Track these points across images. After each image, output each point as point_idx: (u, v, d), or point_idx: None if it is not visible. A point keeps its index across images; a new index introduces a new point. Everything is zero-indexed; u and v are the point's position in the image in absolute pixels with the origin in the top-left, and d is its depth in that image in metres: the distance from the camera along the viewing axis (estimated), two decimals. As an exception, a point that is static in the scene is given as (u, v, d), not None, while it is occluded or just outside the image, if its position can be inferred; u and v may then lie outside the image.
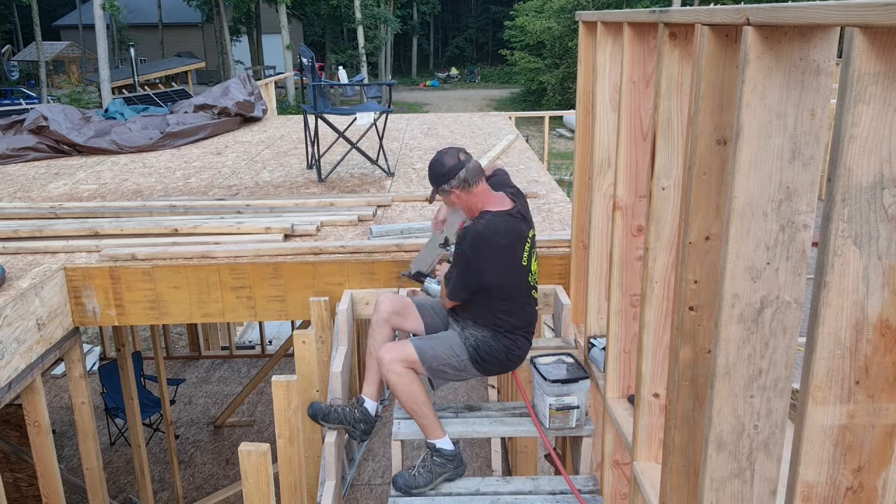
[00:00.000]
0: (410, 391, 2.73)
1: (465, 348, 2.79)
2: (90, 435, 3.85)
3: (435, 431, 2.77)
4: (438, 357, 2.79)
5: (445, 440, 2.77)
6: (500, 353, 2.81)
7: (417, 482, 2.72)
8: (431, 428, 2.77)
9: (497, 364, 2.84)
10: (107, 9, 21.32)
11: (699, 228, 1.71)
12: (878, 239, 1.16)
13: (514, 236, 2.74)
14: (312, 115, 5.21)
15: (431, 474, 2.73)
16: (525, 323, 2.86)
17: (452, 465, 2.76)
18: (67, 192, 5.12)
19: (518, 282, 2.79)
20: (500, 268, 2.72)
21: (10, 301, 3.06)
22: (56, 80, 35.07)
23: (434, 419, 2.77)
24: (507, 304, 2.79)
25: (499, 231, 2.70)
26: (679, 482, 1.86)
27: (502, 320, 2.79)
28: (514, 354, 2.85)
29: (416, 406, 2.74)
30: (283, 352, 7.20)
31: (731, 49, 1.60)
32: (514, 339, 2.82)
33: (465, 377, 2.90)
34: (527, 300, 2.85)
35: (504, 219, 2.74)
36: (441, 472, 2.74)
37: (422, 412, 2.74)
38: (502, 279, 2.74)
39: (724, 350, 1.53)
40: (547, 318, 4.64)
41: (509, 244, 2.72)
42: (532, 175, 5.33)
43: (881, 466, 1.28)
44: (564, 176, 15.74)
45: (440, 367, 2.80)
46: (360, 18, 33.24)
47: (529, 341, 2.91)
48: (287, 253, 3.61)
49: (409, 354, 2.76)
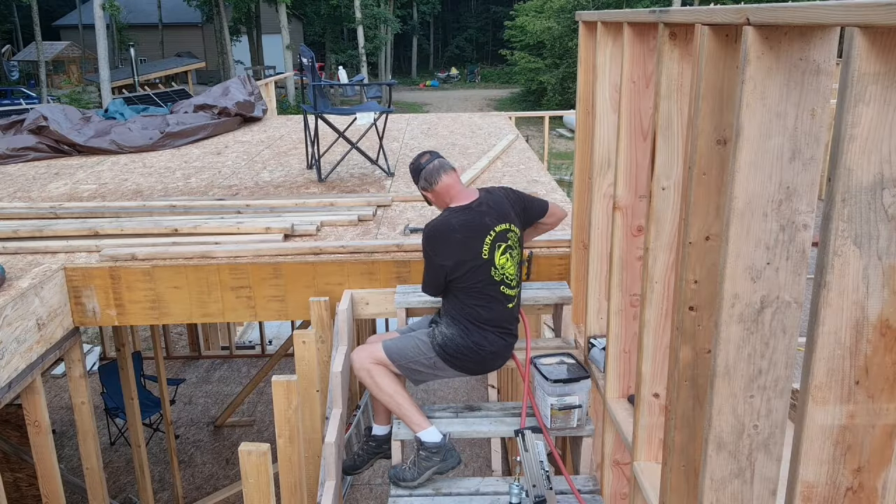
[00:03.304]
0: (381, 385, 2.82)
1: (431, 347, 2.85)
2: (90, 435, 3.85)
3: (415, 423, 2.81)
4: (405, 355, 2.86)
5: (429, 432, 2.79)
6: (469, 350, 2.84)
7: (405, 476, 2.77)
8: (411, 420, 2.82)
9: (470, 361, 2.87)
10: (107, 9, 21.34)
11: (699, 228, 1.71)
12: (878, 239, 1.16)
13: (469, 230, 2.81)
14: (312, 115, 5.21)
15: (418, 469, 2.76)
16: (497, 318, 2.87)
17: (438, 457, 2.75)
18: (67, 192, 5.12)
19: (480, 276, 2.82)
20: (457, 260, 2.80)
21: (10, 301, 3.06)
22: (56, 81, 35.04)
23: (412, 410, 2.81)
24: (478, 299, 2.84)
25: (452, 226, 2.81)
26: (679, 482, 1.86)
27: (476, 313, 2.83)
28: (486, 351, 2.86)
29: (390, 399, 2.83)
30: (283, 352, 7.20)
31: (731, 49, 1.60)
32: (485, 334, 2.84)
33: (444, 376, 2.94)
34: (497, 296, 2.86)
35: (461, 213, 2.84)
36: (427, 466, 2.75)
37: (396, 404, 2.82)
38: (460, 272, 2.81)
39: (724, 350, 1.53)
40: (547, 317, 4.64)
41: (463, 238, 2.80)
42: (532, 175, 5.33)
43: (881, 466, 1.28)
44: (564, 176, 15.75)
45: (410, 366, 2.88)
46: (360, 18, 33.25)
47: (505, 340, 2.91)
48: (287, 253, 3.61)
49: (376, 353, 2.87)
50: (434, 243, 2.84)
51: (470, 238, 2.80)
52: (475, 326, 2.84)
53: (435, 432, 2.78)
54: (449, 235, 2.81)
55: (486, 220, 2.84)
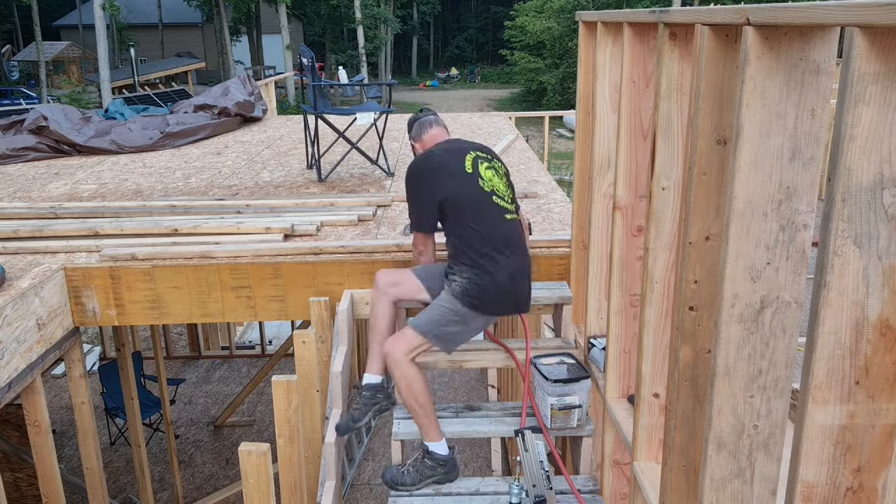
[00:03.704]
0: (413, 389, 2.74)
1: (455, 300, 2.79)
2: (90, 435, 3.85)
3: (431, 433, 2.77)
4: (437, 322, 2.80)
5: (440, 444, 2.77)
6: (489, 285, 2.78)
7: (404, 480, 2.74)
8: (429, 429, 2.77)
9: (494, 296, 2.81)
10: (107, 9, 21.34)
11: (699, 228, 1.71)
12: (878, 239, 1.16)
13: (447, 154, 2.93)
14: (312, 115, 5.21)
15: (419, 475, 2.74)
16: (500, 235, 2.82)
17: (443, 469, 2.75)
18: (67, 192, 5.12)
19: (469, 191, 2.84)
20: (443, 181, 2.85)
21: (10, 301, 3.06)
22: (56, 81, 35.03)
23: (433, 421, 2.78)
24: (474, 220, 2.80)
25: (429, 157, 2.95)
26: (679, 482, 1.86)
27: (479, 238, 2.78)
28: (504, 276, 2.79)
29: (417, 405, 2.75)
30: (283, 352, 7.20)
31: (731, 49, 1.60)
32: (496, 262, 2.78)
33: (477, 327, 2.91)
34: (492, 209, 2.85)
35: (436, 147, 2.99)
36: (429, 475, 2.74)
37: (422, 412, 2.75)
38: (450, 190, 2.83)
39: (724, 350, 1.53)
40: (547, 317, 4.64)
41: (442, 161, 2.90)
42: (532, 175, 5.33)
43: (881, 466, 1.28)
44: (564, 176, 15.75)
45: (444, 331, 2.81)
46: (360, 18, 33.25)
47: (518, 257, 2.87)
48: (287, 253, 3.61)
49: (412, 339, 2.78)
50: (416, 174, 2.92)
51: (448, 159, 2.91)
52: (485, 258, 2.77)
53: (445, 446, 2.78)
54: (429, 159, 2.93)
55: (465, 145, 3.00)
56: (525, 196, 4.65)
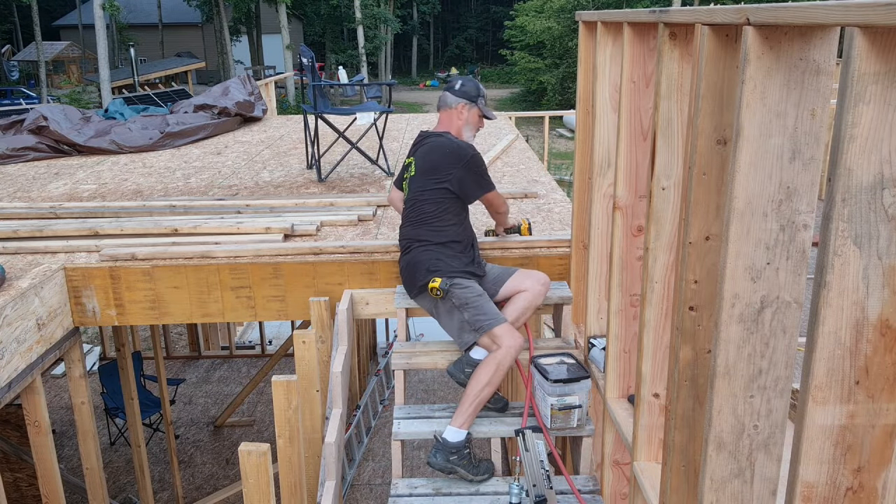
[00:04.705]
0: (497, 382, 2.86)
1: (466, 277, 3.03)
2: (90, 435, 3.85)
3: (469, 420, 2.85)
4: (484, 307, 2.95)
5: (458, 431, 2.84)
6: (465, 255, 3.11)
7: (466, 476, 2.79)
8: (473, 416, 2.86)
9: (472, 259, 3.15)
10: (107, 9, 21.34)
11: (699, 228, 1.71)
12: (878, 239, 1.16)
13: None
14: (312, 115, 5.21)
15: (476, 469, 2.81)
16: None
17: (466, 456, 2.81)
18: (67, 192, 5.12)
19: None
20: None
21: (10, 301, 3.06)
22: (56, 81, 35.04)
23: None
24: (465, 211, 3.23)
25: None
26: (679, 482, 1.86)
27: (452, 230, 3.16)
28: (468, 240, 3.19)
29: (484, 396, 2.83)
30: (283, 352, 7.20)
31: (731, 49, 1.60)
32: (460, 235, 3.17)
33: (485, 292, 3.07)
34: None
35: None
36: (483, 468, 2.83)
37: (480, 402, 2.85)
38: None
39: (724, 350, 1.53)
40: (547, 317, 4.64)
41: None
42: (532, 175, 5.33)
43: (881, 466, 1.28)
44: (564, 176, 15.75)
45: (491, 306, 2.98)
46: (360, 18, 33.24)
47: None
48: (287, 253, 3.61)
49: (512, 329, 2.91)
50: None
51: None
52: (454, 242, 3.10)
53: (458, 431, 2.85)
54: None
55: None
56: (525, 196, 4.66)
